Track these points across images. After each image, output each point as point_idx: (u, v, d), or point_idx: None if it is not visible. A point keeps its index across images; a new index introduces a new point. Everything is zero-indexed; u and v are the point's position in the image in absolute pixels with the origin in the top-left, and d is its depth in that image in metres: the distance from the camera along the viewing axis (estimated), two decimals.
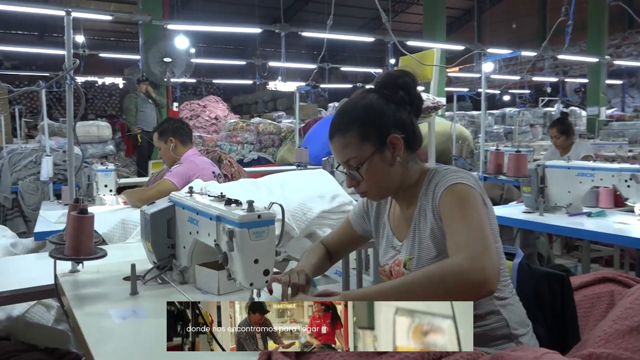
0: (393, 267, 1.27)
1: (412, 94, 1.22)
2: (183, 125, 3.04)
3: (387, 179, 1.22)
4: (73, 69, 1.41)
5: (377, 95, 1.22)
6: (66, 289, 1.41)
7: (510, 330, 1.19)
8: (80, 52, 8.91)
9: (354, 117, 1.20)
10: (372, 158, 1.19)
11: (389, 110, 1.20)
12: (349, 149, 1.21)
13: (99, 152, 7.19)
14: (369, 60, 17.67)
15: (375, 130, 1.19)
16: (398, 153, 1.20)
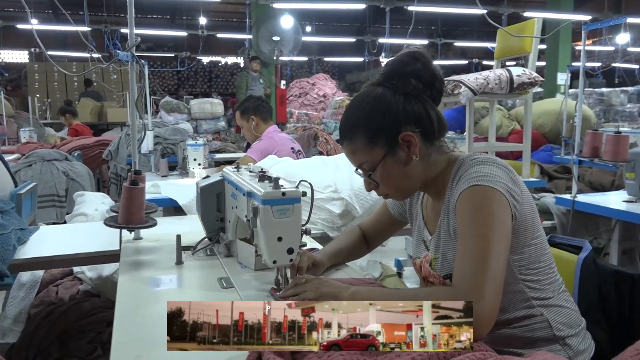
0: (423, 263, 1.19)
1: (426, 78, 1.08)
2: (263, 103, 3.13)
3: (405, 180, 1.12)
4: (135, 46, 1.48)
5: (382, 89, 1.10)
6: (124, 254, 1.52)
7: (553, 332, 1.07)
8: (199, 33, 9.47)
9: (358, 120, 1.11)
10: (384, 161, 1.09)
11: (397, 105, 1.07)
12: (358, 155, 1.13)
13: (211, 127, 7.62)
14: (488, 34, 16.68)
15: (384, 132, 1.08)
16: (414, 151, 1.08)
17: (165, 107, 7.53)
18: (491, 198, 0.99)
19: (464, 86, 2.72)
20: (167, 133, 4.78)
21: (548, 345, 1.07)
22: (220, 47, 16.05)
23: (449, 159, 1.14)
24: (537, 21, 2.85)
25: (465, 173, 1.05)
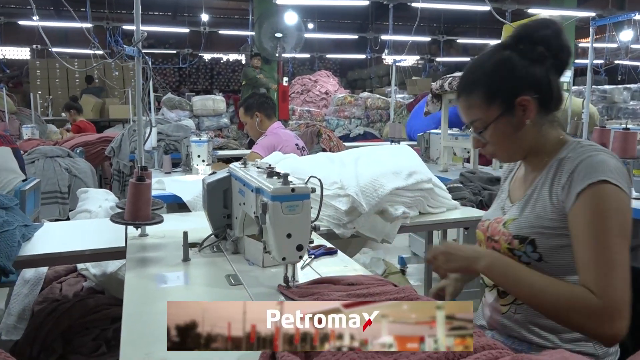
0: (492, 223, 1.20)
1: (554, 47, 1.09)
2: (268, 100, 3.12)
3: (514, 143, 1.13)
4: (141, 41, 1.46)
5: (509, 52, 1.11)
6: (130, 251, 1.50)
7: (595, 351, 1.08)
8: (201, 29, 9.45)
9: (480, 76, 1.12)
10: (497, 121, 1.11)
11: (521, 69, 1.08)
12: (473, 111, 1.13)
13: (214, 124, 7.61)
14: (490, 31, 16.64)
15: (503, 91, 1.10)
16: (528, 116, 1.09)
17: (168, 103, 7.52)
18: (617, 200, 0.99)
19: None
20: (170, 130, 4.77)
21: (579, 340, 1.08)
22: (221, 44, 16.01)
23: (559, 138, 1.13)
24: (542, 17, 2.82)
25: (586, 167, 1.02)
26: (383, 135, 7.78)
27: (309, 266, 1.39)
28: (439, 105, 3.14)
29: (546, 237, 1.07)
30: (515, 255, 1.11)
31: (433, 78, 11.98)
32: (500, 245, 1.14)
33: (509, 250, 1.11)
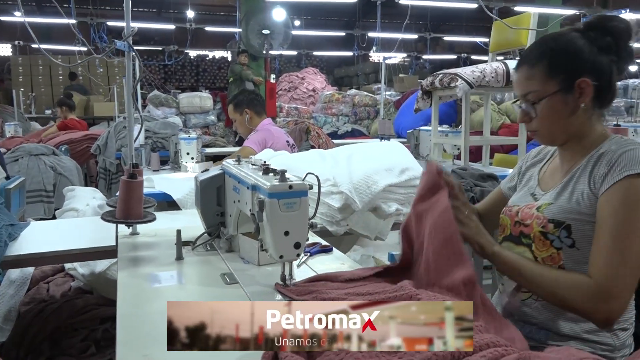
0: (523, 209, 1.19)
1: (622, 43, 1.11)
2: (257, 97, 3.10)
3: (561, 124, 1.13)
4: (131, 36, 1.43)
5: (579, 35, 1.13)
6: (121, 250, 1.47)
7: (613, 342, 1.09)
8: (187, 26, 9.36)
9: (546, 50, 1.13)
10: (553, 96, 1.11)
11: (588, 52, 1.10)
12: (532, 82, 1.14)
13: (200, 122, 7.55)
14: (476, 29, 16.74)
15: (566, 69, 1.11)
16: (584, 100, 1.10)
17: (154, 101, 7.44)
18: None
19: (460, 79, 2.70)
20: (157, 127, 4.70)
21: (599, 330, 1.08)
22: (207, 40, 15.90)
23: (603, 133, 1.15)
24: (533, 15, 2.84)
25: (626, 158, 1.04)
26: (371, 132, 7.78)
27: (305, 264, 1.37)
28: (429, 101, 3.14)
29: (582, 224, 1.08)
30: (547, 239, 1.11)
31: (420, 75, 12.02)
32: (532, 228, 1.13)
33: (542, 233, 1.11)
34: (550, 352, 0.78)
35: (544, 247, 1.12)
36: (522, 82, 1.16)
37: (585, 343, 1.09)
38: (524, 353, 0.76)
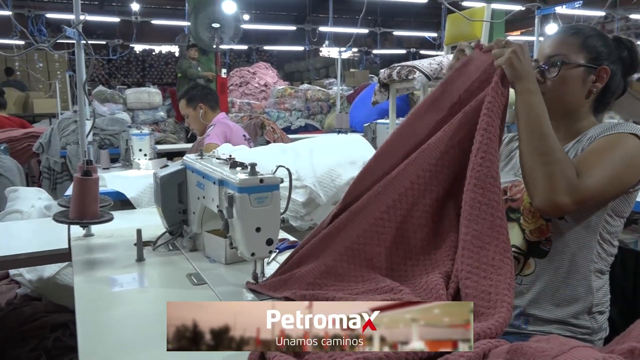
0: (511, 186, 1.21)
1: (633, 65, 1.21)
2: (211, 91, 3.01)
3: (568, 95, 1.16)
4: (81, 24, 1.33)
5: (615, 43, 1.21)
6: (75, 253, 1.38)
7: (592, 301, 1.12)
8: (133, 19, 9.03)
9: (586, 29, 1.20)
10: (577, 68, 1.15)
11: (615, 50, 1.19)
12: (564, 46, 1.17)
13: (149, 118, 7.29)
14: (424, 24, 17.03)
15: (595, 52, 1.17)
16: (597, 86, 1.17)
17: (99, 96, 7.12)
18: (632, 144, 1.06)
19: (418, 71, 2.71)
20: (105, 123, 4.52)
21: (580, 314, 1.10)
22: (154, 34, 15.42)
23: (592, 121, 1.20)
24: (487, 7, 2.88)
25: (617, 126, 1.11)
26: (324, 127, 7.77)
27: (275, 261, 1.32)
28: (386, 94, 3.13)
29: None
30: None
31: (370, 70, 12.10)
32: (522, 201, 1.15)
33: (532, 204, 1.11)
34: (539, 342, 0.77)
35: (533, 218, 1.13)
36: (555, 44, 1.19)
37: (565, 327, 1.11)
38: (516, 344, 0.74)
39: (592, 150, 1.08)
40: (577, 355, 0.68)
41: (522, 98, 1.05)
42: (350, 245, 1.03)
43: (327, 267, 1.02)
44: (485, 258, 0.90)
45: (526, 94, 1.05)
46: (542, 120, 1.04)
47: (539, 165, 1.02)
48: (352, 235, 1.03)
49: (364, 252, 1.02)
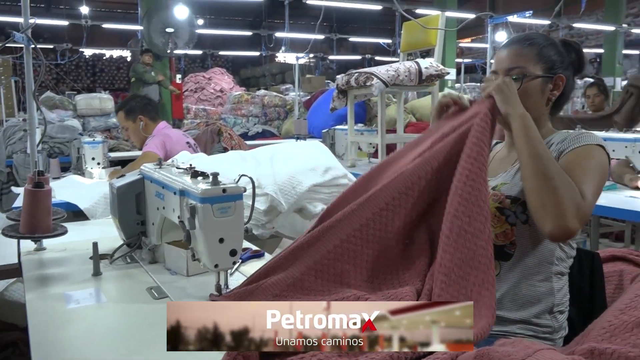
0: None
1: (579, 67, 1.26)
2: (151, 102, 2.91)
3: (530, 106, 1.16)
4: (30, 28, 1.27)
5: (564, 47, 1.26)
6: (26, 268, 1.31)
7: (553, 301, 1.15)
8: (83, 22, 8.76)
9: (540, 39, 1.23)
10: (535, 79, 1.19)
11: (567, 57, 1.24)
12: (522, 59, 1.21)
13: (101, 125, 7.07)
14: (378, 31, 17.29)
15: (551, 61, 1.21)
16: (555, 94, 1.22)
17: (47, 103, 6.85)
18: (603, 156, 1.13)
19: (376, 78, 2.74)
20: (54, 131, 4.36)
21: (542, 314, 1.13)
22: (104, 39, 15.02)
23: (549, 128, 1.25)
24: (441, 15, 2.95)
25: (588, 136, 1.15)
26: (282, 133, 7.74)
27: (237, 271, 1.30)
28: (344, 100, 3.16)
29: None
30: (503, 215, 1.14)
31: (327, 76, 12.17)
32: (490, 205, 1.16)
33: (498, 209, 1.15)
34: (504, 345, 0.79)
35: (498, 223, 1.15)
36: (512, 57, 1.22)
37: (528, 327, 1.14)
38: (482, 349, 0.75)
39: (572, 166, 1.10)
40: (541, 357, 0.70)
41: (519, 122, 1.09)
42: (319, 259, 1.02)
43: (294, 280, 1.01)
44: (464, 289, 0.91)
45: (521, 119, 1.09)
46: (542, 144, 1.08)
47: (547, 191, 1.02)
48: (322, 250, 1.02)
49: (333, 267, 1.01)
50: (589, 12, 15.46)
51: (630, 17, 14.60)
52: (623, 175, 2.29)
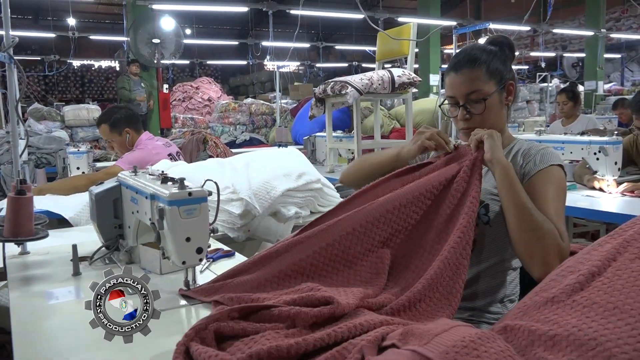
0: None
1: (513, 59, 1.37)
2: (134, 113, 2.88)
3: (496, 120, 1.30)
4: (12, 47, 1.37)
5: (498, 48, 1.35)
6: (11, 270, 1.40)
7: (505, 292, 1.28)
8: (70, 34, 8.85)
9: (483, 55, 1.30)
10: (493, 95, 1.29)
11: (508, 62, 1.34)
12: (477, 82, 1.28)
13: (89, 135, 7.14)
14: (365, 38, 17.49)
15: (501, 73, 1.31)
16: (510, 100, 1.33)
17: (35, 114, 6.93)
18: (564, 181, 1.24)
19: (350, 87, 2.85)
20: (40, 142, 4.43)
21: (493, 303, 1.25)
22: (92, 50, 15.10)
23: (508, 133, 1.36)
24: (413, 25, 3.08)
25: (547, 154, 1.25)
26: (269, 140, 7.85)
27: (208, 269, 1.40)
28: (322, 108, 3.27)
29: (496, 204, 1.24)
30: None
31: (314, 83, 12.31)
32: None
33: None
34: (427, 324, 0.89)
35: None
36: (466, 82, 1.29)
37: (480, 314, 1.26)
38: (408, 327, 0.85)
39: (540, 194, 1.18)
40: (456, 332, 0.80)
41: (502, 171, 1.15)
42: (284, 269, 1.13)
43: (258, 285, 1.11)
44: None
45: (504, 169, 1.15)
46: (523, 193, 1.13)
47: (533, 241, 1.09)
48: (287, 262, 1.13)
49: (294, 279, 1.12)
50: (572, 17, 15.77)
51: (612, 21, 14.90)
52: (583, 176, 2.42)
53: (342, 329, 0.85)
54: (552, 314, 0.82)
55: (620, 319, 0.72)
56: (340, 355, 0.79)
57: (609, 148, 2.10)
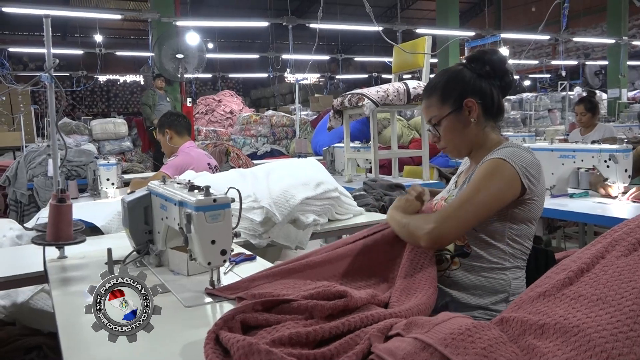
0: (440, 202, 1.45)
1: (499, 70, 1.38)
2: (179, 118, 3.19)
3: (461, 137, 1.39)
4: (53, 68, 1.51)
5: (462, 67, 1.41)
6: (51, 273, 1.53)
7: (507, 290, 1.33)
8: (97, 51, 9.16)
9: (437, 83, 1.42)
10: (448, 117, 1.38)
11: (469, 79, 1.38)
12: (431, 109, 1.42)
13: (116, 148, 7.40)
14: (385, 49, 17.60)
15: (454, 94, 1.38)
16: (473, 115, 1.37)
17: (64, 129, 7.21)
18: (501, 168, 1.27)
19: (367, 99, 2.95)
20: (71, 155, 4.61)
21: (499, 302, 1.32)
22: (117, 65, 15.52)
23: (498, 140, 1.41)
24: (427, 39, 3.16)
25: (499, 150, 1.33)
26: (290, 151, 7.98)
27: (231, 271, 1.50)
28: (340, 120, 3.37)
29: None
30: None
31: (334, 95, 12.45)
32: None
33: None
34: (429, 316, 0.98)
35: None
36: (425, 111, 1.45)
37: (486, 312, 1.32)
38: (412, 318, 0.94)
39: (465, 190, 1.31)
40: (454, 322, 0.89)
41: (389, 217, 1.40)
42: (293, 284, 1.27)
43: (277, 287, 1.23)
44: None
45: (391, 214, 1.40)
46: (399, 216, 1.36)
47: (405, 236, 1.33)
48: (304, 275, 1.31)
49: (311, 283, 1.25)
50: (594, 25, 15.65)
51: (635, 28, 14.73)
52: (597, 184, 2.47)
53: (354, 319, 0.95)
54: (543, 306, 0.90)
55: (602, 308, 0.80)
56: (353, 342, 0.89)
57: (619, 156, 2.16)
